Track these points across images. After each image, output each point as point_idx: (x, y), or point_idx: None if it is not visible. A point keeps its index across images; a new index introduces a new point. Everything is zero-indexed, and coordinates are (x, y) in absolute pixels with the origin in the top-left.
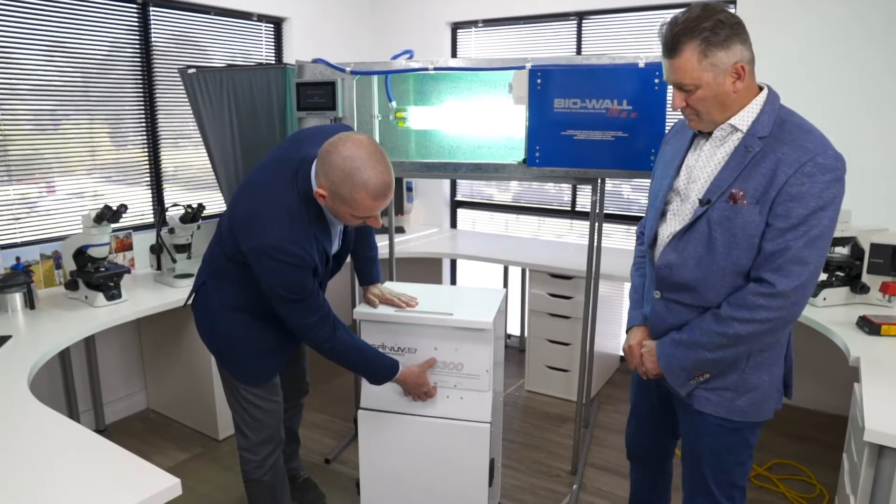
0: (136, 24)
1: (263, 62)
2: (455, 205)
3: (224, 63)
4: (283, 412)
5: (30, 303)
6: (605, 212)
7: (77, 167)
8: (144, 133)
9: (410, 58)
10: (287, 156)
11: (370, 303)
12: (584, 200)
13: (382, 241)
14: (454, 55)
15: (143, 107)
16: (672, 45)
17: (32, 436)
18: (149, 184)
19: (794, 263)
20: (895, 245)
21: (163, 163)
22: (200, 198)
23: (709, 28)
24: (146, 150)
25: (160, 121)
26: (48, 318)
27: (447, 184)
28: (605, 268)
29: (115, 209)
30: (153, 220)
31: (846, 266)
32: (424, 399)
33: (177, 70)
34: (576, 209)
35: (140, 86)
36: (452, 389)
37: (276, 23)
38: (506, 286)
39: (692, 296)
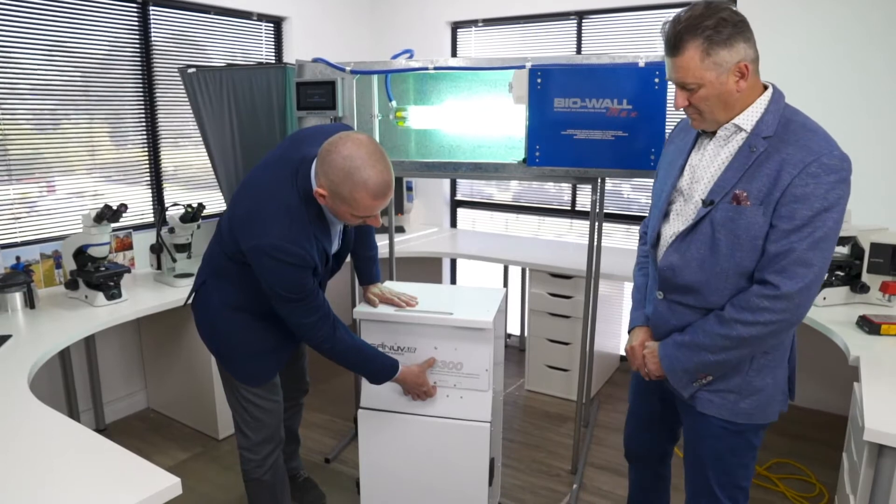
0: (136, 24)
1: (263, 62)
2: (455, 204)
3: (224, 62)
4: (283, 412)
5: (30, 302)
6: (605, 211)
7: (77, 167)
8: (144, 132)
9: (410, 57)
10: (287, 155)
11: (370, 302)
12: (584, 200)
13: (382, 241)
14: (454, 55)
15: (143, 106)
16: (674, 44)
17: (32, 435)
18: (149, 183)
19: (799, 265)
20: (895, 244)
21: (163, 162)
22: (200, 197)
23: (711, 26)
24: (146, 150)
25: (160, 120)
26: (48, 318)
27: (447, 183)
28: (605, 267)
29: (116, 209)
30: (153, 220)
31: (846, 265)
32: (424, 398)
33: (177, 69)
34: (576, 209)
35: (140, 85)
36: (452, 389)
37: (276, 22)
38: (506, 286)
39: (695, 297)
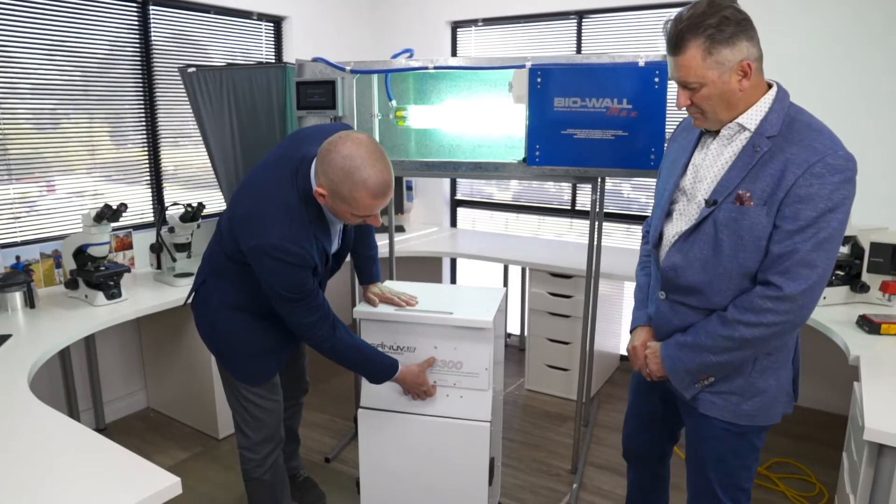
0: (136, 23)
1: (263, 61)
2: (455, 204)
3: (224, 62)
4: (283, 411)
5: (30, 302)
6: (605, 211)
7: (77, 166)
8: (144, 132)
9: (410, 57)
10: (287, 155)
11: (370, 302)
12: (584, 199)
13: (382, 240)
14: (454, 54)
15: (143, 106)
16: (676, 42)
17: (32, 435)
18: (149, 183)
19: (802, 266)
20: (895, 244)
21: (163, 162)
22: (200, 197)
23: (714, 25)
24: (146, 149)
25: (160, 120)
26: (48, 317)
27: (447, 183)
28: (605, 267)
29: (115, 208)
30: (153, 219)
31: (846, 265)
32: (424, 398)
33: (177, 69)
34: (576, 208)
35: (140, 85)
36: (452, 388)
37: (276, 22)
38: (506, 285)
39: (698, 298)
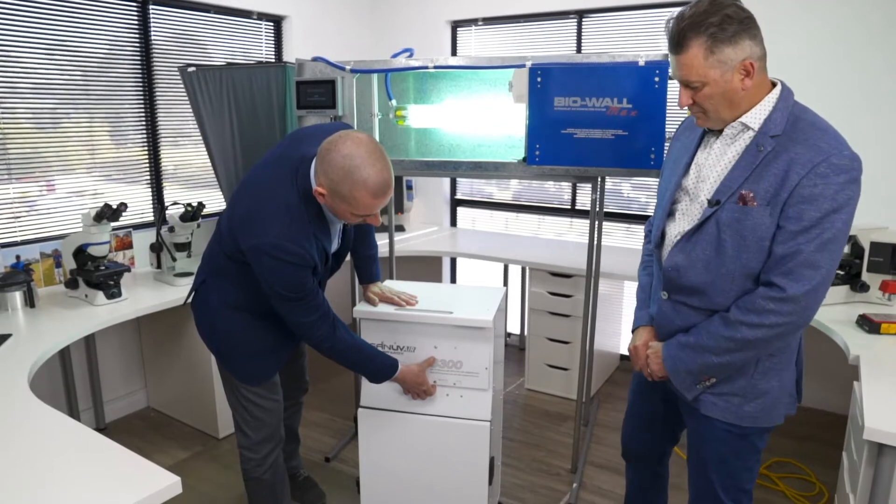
0: (137, 23)
1: (263, 61)
2: (455, 203)
3: (224, 61)
4: (283, 410)
5: (30, 301)
6: (605, 210)
7: (77, 166)
8: (144, 131)
9: (410, 56)
10: (287, 154)
11: (370, 301)
12: (584, 199)
13: (382, 240)
14: (454, 53)
15: (143, 105)
16: (678, 41)
17: (32, 434)
18: (149, 182)
19: (806, 267)
20: (895, 243)
21: (163, 161)
22: (200, 196)
23: (716, 23)
24: (146, 149)
25: (160, 119)
26: (48, 317)
27: (447, 182)
28: (605, 266)
29: (115, 208)
30: (153, 219)
31: (846, 264)
32: (424, 398)
33: (177, 69)
34: (576, 207)
35: (140, 84)
36: (452, 388)
37: (276, 21)
38: (506, 284)
39: (700, 298)
